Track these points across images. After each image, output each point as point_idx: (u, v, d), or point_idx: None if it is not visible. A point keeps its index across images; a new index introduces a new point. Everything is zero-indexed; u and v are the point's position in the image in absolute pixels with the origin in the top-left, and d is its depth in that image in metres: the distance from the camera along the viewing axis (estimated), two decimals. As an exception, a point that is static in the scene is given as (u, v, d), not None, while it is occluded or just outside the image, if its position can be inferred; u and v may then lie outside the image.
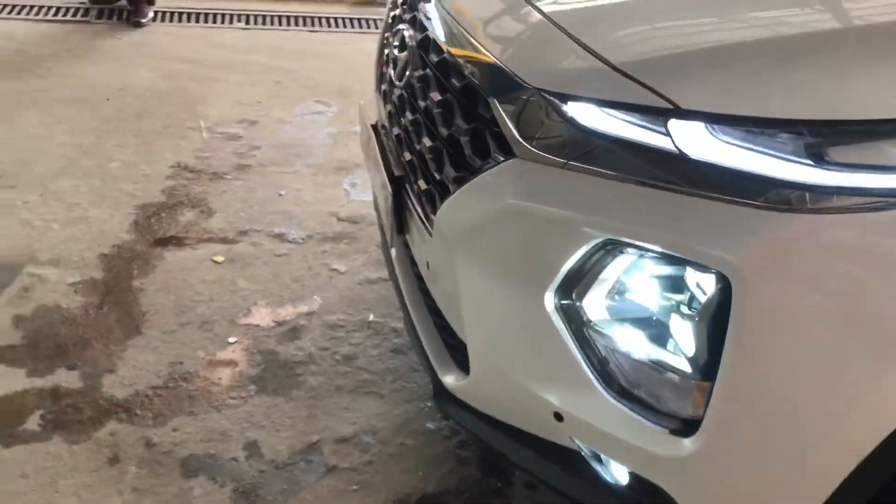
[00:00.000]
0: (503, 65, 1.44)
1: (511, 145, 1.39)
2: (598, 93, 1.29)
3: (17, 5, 4.74)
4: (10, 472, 1.91)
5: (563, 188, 1.32)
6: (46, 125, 3.47)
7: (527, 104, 1.38)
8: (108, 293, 2.53)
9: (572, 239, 1.31)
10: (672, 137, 1.22)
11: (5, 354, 2.24)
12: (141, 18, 4.71)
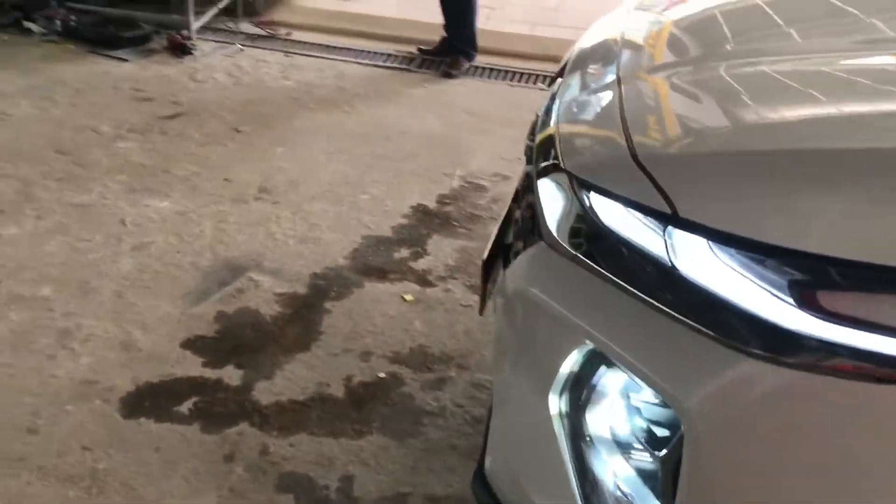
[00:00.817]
0: (557, 142, 1.34)
1: (540, 227, 1.30)
2: (615, 184, 1.15)
3: (360, 50, 5.40)
4: (149, 443, 2.19)
5: (567, 283, 1.20)
6: (327, 153, 3.90)
7: (560, 186, 1.28)
8: (301, 308, 2.78)
9: (567, 340, 1.18)
10: (667, 246, 1.04)
11: (196, 343, 2.57)
12: (452, 70, 5.09)
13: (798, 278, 0.92)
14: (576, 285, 1.17)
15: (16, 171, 3.47)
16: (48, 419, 2.23)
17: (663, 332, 1.02)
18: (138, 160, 3.67)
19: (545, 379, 1.23)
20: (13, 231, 3.05)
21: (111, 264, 2.92)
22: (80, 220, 3.17)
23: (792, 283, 0.92)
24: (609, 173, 1.17)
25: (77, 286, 2.78)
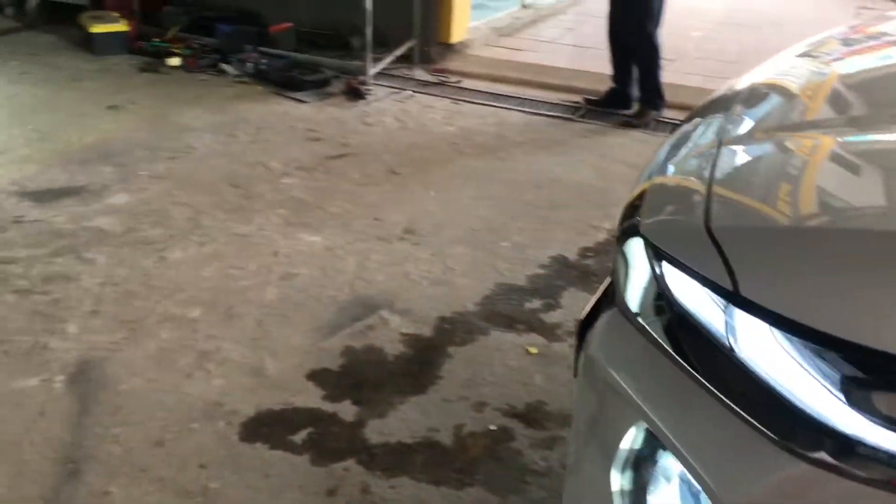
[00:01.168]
0: (645, 200, 1.27)
1: (616, 292, 1.23)
2: (685, 252, 1.07)
3: (525, 98, 5.45)
4: (261, 468, 2.27)
5: (630, 353, 1.13)
6: (476, 199, 3.95)
7: (637, 249, 1.21)
8: (424, 350, 2.80)
9: (627, 414, 1.11)
10: (726, 325, 0.96)
11: (320, 375, 2.66)
12: (637, 121, 5.00)
13: (859, 376, 0.81)
14: (638, 357, 1.09)
15: (190, 200, 3.77)
16: (175, 434, 2.37)
17: (714, 419, 0.93)
18: (299, 196, 3.88)
19: (608, 453, 1.16)
20: (178, 255, 3.31)
21: (258, 292, 3.08)
22: (237, 248, 3.38)
23: (852, 381, 0.81)
24: (681, 240, 1.09)
25: (223, 311, 2.96)
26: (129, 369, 2.62)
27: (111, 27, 5.85)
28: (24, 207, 3.59)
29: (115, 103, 4.92)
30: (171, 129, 4.57)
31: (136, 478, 2.21)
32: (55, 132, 4.43)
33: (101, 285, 3.05)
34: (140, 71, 5.56)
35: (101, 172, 3.97)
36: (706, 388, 0.95)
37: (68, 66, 5.55)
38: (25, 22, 6.54)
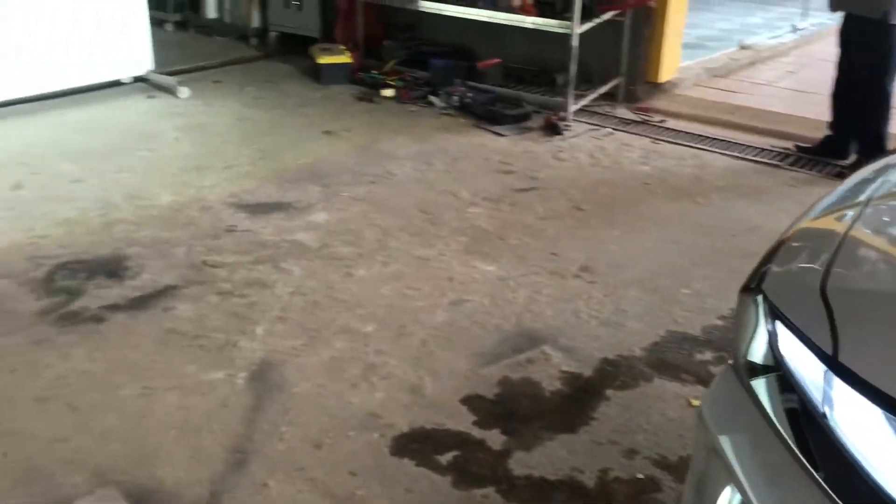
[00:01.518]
0: (778, 252, 1.21)
1: (734, 349, 1.18)
2: (796, 312, 1.01)
3: (730, 142, 5.24)
4: (405, 483, 2.36)
5: (731, 411, 1.08)
6: (661, 242, 3.85)
7: (756, 308, 1.15)
8: (581, 389, 2.78)
9: (721, 476, 1.06)
10: (823, 392, 0.90)
11: (474, 401, 2.71)
12: (850, 173, 4.67)
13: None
14: (739, 416, 1.05)
15: (382, 222, 3.99)
16: (333, 440, 2.53)
17: (802, 492, 0.87)
18: (482, 225, 3.99)
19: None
20: (363, 272, 3.52)
21: (428, 314, 3.21)
22: (416, 270, 3.54)
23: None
24: (795, 299, 1.03)
25: (395, 328, 3.11)
26: (303, 374, 2.83)
27: (337, 59, 6.34)
28: (237, 218, 3.97)
29: (331, 129, 5.31)
30: (376, 156, 4.87)
31: (293, 475, 2.38)
32: (275, 152, 4.87)
33: (291, 294, 3.31)
34: (357, 100, 5.96)
35: (309, 191, 4.31)
36: (795, 455, 0.90)
37: (296, 94, 6.07)
38: (266, 52, 7.24)
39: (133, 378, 2.78)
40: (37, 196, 4.15)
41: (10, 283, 3.33)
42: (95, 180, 4.36)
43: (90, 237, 3.73)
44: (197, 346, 2.97)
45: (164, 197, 4.18)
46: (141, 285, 3.35)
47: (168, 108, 5.64)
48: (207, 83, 6.24)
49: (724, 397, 1.13)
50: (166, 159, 4.71)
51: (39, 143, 4.86)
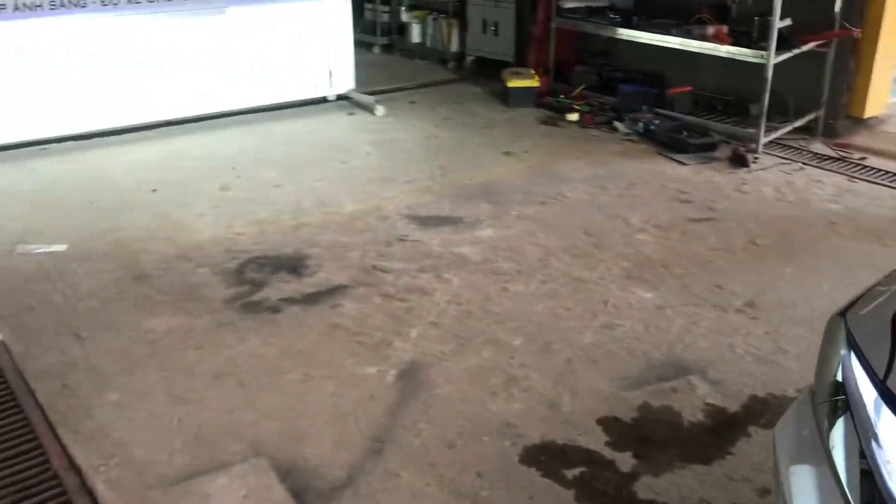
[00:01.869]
0: (876, 284, 1.18)
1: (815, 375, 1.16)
2: (864, 338, 0.99)
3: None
4: (528, 490, 2.42)
5: (799, 444, 1.06)
6: (837, 282, 3.63)
7: (838, 334, 1.12)
8: (723, 424, 2.70)
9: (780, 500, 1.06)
10: (872, 416, 0.89)
11: (610, 422, 2.72)
12: None
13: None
14: (804, 445, 1.03)
15: (546, 242, 4.07)
16: (466, 441, 2.63)
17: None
18: (647, 252, 3.95)
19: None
20: (519, 288, 3.61)
21: (577, 334, 3.24)
22: (572, 291, 3.58)
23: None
24: (867, 326, 1.01)
25: (541, 344, 3.17)
26: (447, 377, 2.96)
27: (525, 83, 6.50)
28: (409, 229, 4.21)
29: (511, 150, 5.46)
30: (551, 177, 4.95)
31: (424, 469, 2.51)
32: (454, 169, 5.08)
33: (447, 302, 3.47)
34: (541, 123, 6.08)
35: (479, 208, 4.47)
36: (838, 482, 0.89)
37: (483, 115, 6.30)
38: (461, 75, 7.56)
39: (297, 364, 3.04)
40: (240, 197, 4.62)
41: (208, 272, 3.74)
42: (292, 187, 4.78)
43: (279, 237, 4.10)
44: (356, 341, 3.19)
45: (348, 205, 4.51)
46: (316, 283, 3.64)
47: (364, 125, 6.04)
48: (403, 103, 6.61)
49: (796, 426, 1.11)
50: (356, 171, 5.07)
51: (249, 151, 5.39)
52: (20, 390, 2.87)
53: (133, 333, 3.24)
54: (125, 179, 4.87)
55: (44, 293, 3.54)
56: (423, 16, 8.19)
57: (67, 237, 4.06)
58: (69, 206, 4.48)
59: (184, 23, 5.50)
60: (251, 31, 5.80)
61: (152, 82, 5.51)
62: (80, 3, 5.05)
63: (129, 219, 4.30)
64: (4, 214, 4.34)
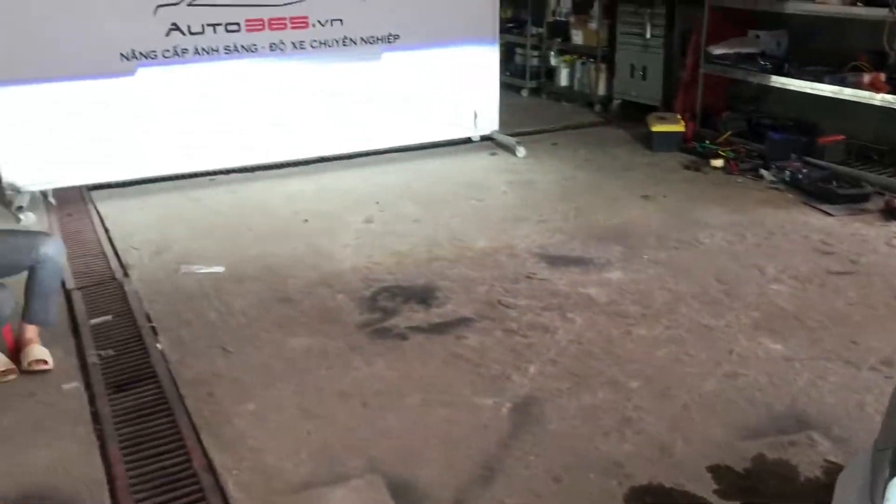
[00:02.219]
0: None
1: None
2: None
3: None
4: (629, 530, 2.45)
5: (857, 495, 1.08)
6: None
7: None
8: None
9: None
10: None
11: (721, 471, 2.68)
12: None
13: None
14: (859, 490, 1.05)
15: (675, 287, 4.05)
16: (572, 477, 2.69)
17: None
18: (780, 303, 3.86)
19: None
20: (643, 331, 3.62)
21: (697, 380, 3.22)
22: (697, 337, 3.55)
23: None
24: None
25: (660, 388, 3.18)
26: (561, 414, 3.03)
27: (670, 127, 6.47)
28: (538, 267, 4.31)
29: (649, 194, 5.46)
30: (687, 223, 4.91)
31: (528, 500, 2.59)
32: (589, 211, 5.15)
33: (569, 341, 3.54)
34: (683, 168, 6.04)
35: (610, 250, 4.51)
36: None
37: (625, 158, 6.32)
38: (607, 118, 7.61)
39: (417, 389, 3.20)
40: (381, 230, 4.89)
41: (345, 298, 3.99)
42: (429, 221, 5.01)
43: (413, 268, 4.32)
44: (476, 372, 3.31)
45: (480, 241, 4.67)
46: (443, 313, 3.81)
47: (504, 165, 6.22)
48: (546, 144, 6.75)
49: (857, 476, 1.13)
50: (491, 209, 5.23)
51: (394, 187, 5.69)
52: (172, 395, 3.18)
53: (273, 350, 3.51)
54: (281, 210, 5.27)
55: (201, 309, 3.90)
56: (571, 60, 8.34)
57: (225, 260, 4.45)
58: (229, 232, 4.90)
59: (342, 67, 5.91)
60: (403, 75, 6.14)
61: (311, 121, 5.94)
62: (252, 48, 5.55)
63: (280, 246, 4.66)
64: (173, 237, 4.81)
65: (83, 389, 3.23)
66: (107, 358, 3.44)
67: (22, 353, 3.34)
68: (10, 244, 3.31)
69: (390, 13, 5.96)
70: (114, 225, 5.01)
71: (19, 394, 3.19)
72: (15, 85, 5.03)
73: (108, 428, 2.97)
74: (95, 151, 5.36)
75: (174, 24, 5.31)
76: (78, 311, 3.85)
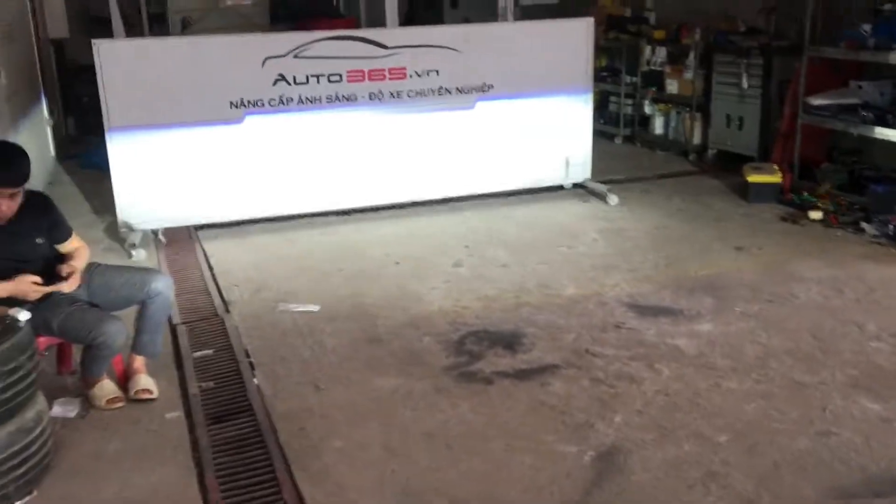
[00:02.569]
0: None
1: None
2: None
3: None
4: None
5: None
6: None
7: None
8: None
9: None
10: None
11: (811, 532, 2.62)
12: None
13: None
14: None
15: (767, 341, 3.97)
16: (654, 529, 2.67)
17: None
18: (880, 362, 3.73)
19: None
20: (732, 385, 3.56)
21: (788, 438, 3.14)
22: (789, 394, 3.47)
23: None
24: None
25: (748, 444, 3.11)
26: (645, 465, 3.01)
27: (766, 178, 6.36)
28: (627, 316, 4.30)
29: (743, 245, 5.38)
30: (782, 276, 4.81)
31: (608, 550, 2.58)
32: (680, 261, 5.11)
33: (655, 392, 3.51)
34: (780, 220, 5.92)
35: (702, 301, 4.46)
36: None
37: (718, 208, 6.25)
38: (701, 168, 7.54)
39: (501, 434, 3.24)
40: (470, 274, 4.98)
41: (432, 340, 4.08)
42: (518, 267, 5.07)
43: (501, 314, 4.38)
44: (560, 420, 3.33)
45: (569, 289, 4.69)
46: (529, 360, 3.84)
47: (595, 213, 6.24)
48: (638, 193, 6.74)
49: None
50: (580, 257, 5.26)
51: (484, 232, 5.79)
52: (266, 428, 3.32)
53: (362, 389, 3.62)
54: (373, 252, 5.44)
55: (295, 347, 4.06)
56: (666, 108, 8.32)
57: (319, 299, 4.62)
58: (324, 272, 5.09)
59: (437, 115, 6.09)
60: (496, 123, 6.27)
61: (405, 167, 6.13)
62: (352, 98, 5.80)
63: (372, 287, 4.80)
64: (272, 276, 5.03)
65: (184, 419, 3.40)
66: (207, 390, 3.62)
67: (130, 382, 3.55)
68: (124, 279, 3.54)
69: (485, 64, 6.13)
70: (218, 263, 5.28)
71: (126, 420, 3.39)
72: (134, 131, 5.40)
73: (206, 457, 3.12)
74: (203, 193, 5.68)
75: (280, 75, 5.62)
76: (182, 345, 4.06)
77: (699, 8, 8.03)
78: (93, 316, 3.33)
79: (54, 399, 3.44)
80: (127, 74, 5.30)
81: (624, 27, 8.78)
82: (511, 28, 6.76)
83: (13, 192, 3.17)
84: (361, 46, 5.81)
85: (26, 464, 2.82)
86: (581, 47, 6.42)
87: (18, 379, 2.78)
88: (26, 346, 2.84)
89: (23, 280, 3.19)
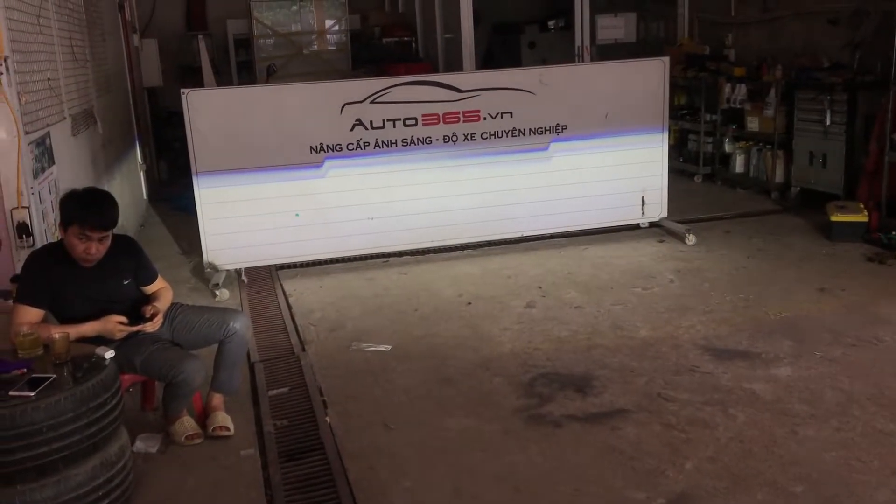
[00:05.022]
0: None
1: None
2: None
3: None
4: None
5: None
6: None
7: None
8: None
9: None
10: None
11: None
12: None
13: None
14: None
15: (849, 387, 3.83)
16: (725, 582, 2.59)
17: None
18: (972, 411, 3.55)
19: None
20: (810, 433, 3.45)
21: (870, 490, 3.02)
22: (871, 443, 3.33)
23: None
24: None
25: (826, 496, 3.00)
26: (717, 514, 2.94)
27: (851, 217, 6.17)
28: (702, 360, 4.22)
29: (825, 286, 5.21)
30: (868, 319, 4.64)
31: None
32: (759, 302, 4.98)
33: (729, 439, 3.43)
34: (866, 260, 5.72)
35: (780, 345, 4.34)
36: None
37: (801, 248, 6.08)
38: (783, 206, 7.36)
39: (570, 478, 3.21)
40: (542, 315, 4.98)
41: (503, 381, 4.09)
42: (592, 308, 5.04)
43: (572, 355, 4.36)
44: (630, 465, 3.28)
45: (642, 331, 4.64)
46: (599, 403, 3.81)
47: (672, 252, 6.16)
48: (717, 232, 6.63)
49: None
50: (655, 298, 5.19)
51: (557, 272, 5.79)
52: (336, 467, 3.38)
53: (432, 429, 3.65)
54: (446, 291, 5.50)
55: (367, 386, 4.13)
56: (747, 146, 8.18)
57: (392, 338, 4.70)
58: (397, 311, 5.17)
59: (511, 157, 6.15)
60: (570, 163, 6.29)
61: (479, 207, 6.19)
62: (426, 140, 5.93)
63: (444, 327, 4.85)
64: (348, 315, 5.14)
65: (258, 456, 3.50)
66: (281, 427, 3.72)
67: (208, 419, 3.68)
68: (204, 319, 3.69)
69: (559, 105, 6.17)
70: (296, 302, 5.43)
71: (203, 456, 3.51)
72: (219, 176, 5.64)
73: (279, 495, 3.19)
74: (284, 234, 5.86)
75: (358, 120, 5.79)
76: (259, 382, 4.19)
77: (780, 45, 7.91)
78: (173, 354, 3.48)
79: (137, 435, 3.59)
80: (212, 121, 5.56)
81: (703, 65, 8.71)
82: (586, 69, 6.81)
83: (103, 236, 3.36)
84: (436, 91, 5.94)
85: (108, 497, 2.95)
86: (657, 86, 6.40)
87: (103, 415, 2.93)
88: (111, 384, 2.99)
89: (109, 320, 3.36)
